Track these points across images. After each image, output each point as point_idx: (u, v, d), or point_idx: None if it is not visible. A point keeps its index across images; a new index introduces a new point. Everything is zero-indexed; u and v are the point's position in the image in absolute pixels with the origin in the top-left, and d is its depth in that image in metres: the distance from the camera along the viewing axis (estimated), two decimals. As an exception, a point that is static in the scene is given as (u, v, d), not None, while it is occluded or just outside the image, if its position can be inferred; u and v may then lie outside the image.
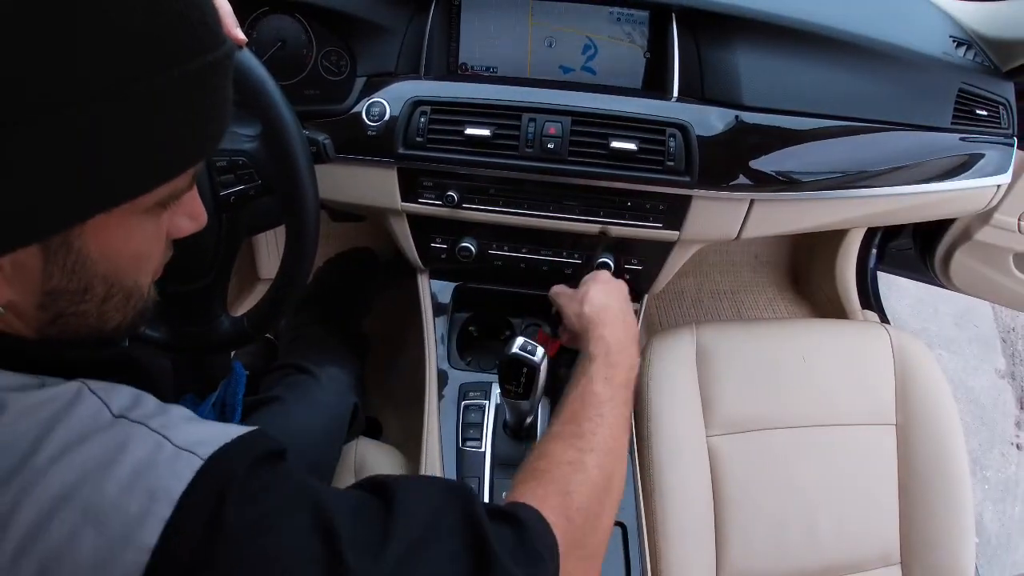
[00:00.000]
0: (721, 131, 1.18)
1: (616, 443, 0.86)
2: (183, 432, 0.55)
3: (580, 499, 0.75)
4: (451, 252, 1.31)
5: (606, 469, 0.81)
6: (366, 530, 0.58)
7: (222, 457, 0.54)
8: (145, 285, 0.63)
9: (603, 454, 0.82)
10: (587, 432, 0.84)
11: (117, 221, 0.54)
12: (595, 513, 0.77)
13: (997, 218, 1.52)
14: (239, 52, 0.91)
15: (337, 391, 1.33)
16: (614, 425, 0.87)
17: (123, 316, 0.62)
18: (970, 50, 1.33)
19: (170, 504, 0.50)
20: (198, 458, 0.53)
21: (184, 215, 0.66)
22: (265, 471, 0.57)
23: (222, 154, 0.96)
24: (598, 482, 0.79)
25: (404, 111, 1.18)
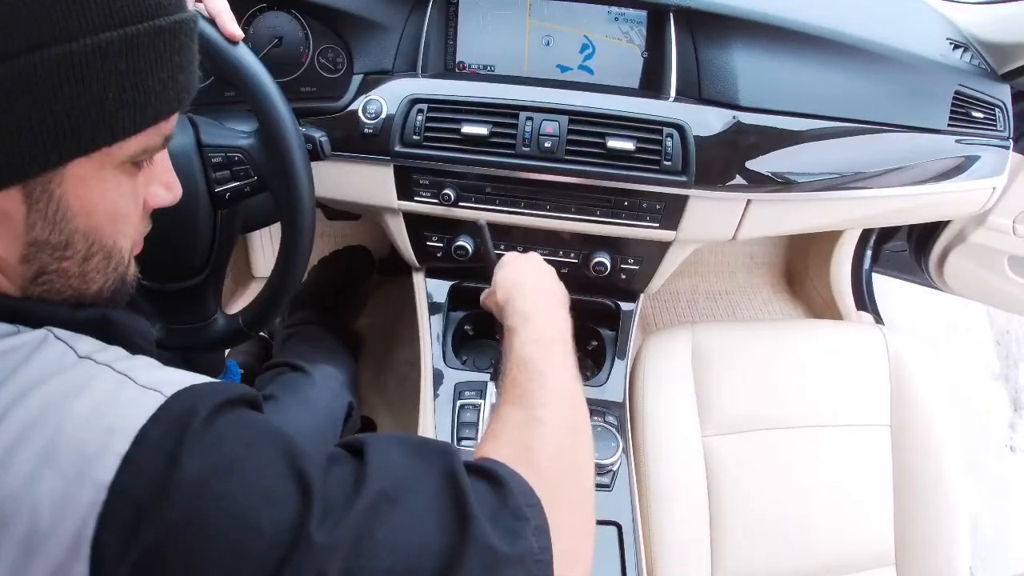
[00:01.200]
0: (718, 131, 1.18)
1: (566, 394, 0.82)
2: (149, 373, 0.54)
3: (546, 450, 0.72)
4: (447, 251, 1.31)
5: (564, 418, 0.78)
6: (338, 478, 0.56)
7: (188, 394, 0.53)
8: (125, 249, 0.64)
9: (555, 406, 0.78)
10: (533, 390, 0.80)
11: (94, 173, 0.56)
12: (568, 462, 0.74)
13: (992, 220, 1.52)
14: (236, 49, 0.91)
15: (331, 390, 1.33)
16: (558, 379, 0.83)
17: (104, 279, 0.63)
18: (966, 53, 1.33)
19: (127, 439, 0.49)
20: (161, 395, 0.52)
21: (159, 184, 0.68)
22: (234, 412, 0.55)
23: (218, 150, 0.96)
24: (559, 431, 0.76)
25: (401, 109, 1.18)
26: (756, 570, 1.25)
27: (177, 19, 0.57)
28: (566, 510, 0.68)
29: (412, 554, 0.55)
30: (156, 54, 0.55)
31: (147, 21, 0.54)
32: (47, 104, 0.50)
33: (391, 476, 0.58)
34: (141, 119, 0.56)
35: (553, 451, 0.72)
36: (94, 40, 0.50)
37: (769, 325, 1.64)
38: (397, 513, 0.56)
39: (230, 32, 0.90)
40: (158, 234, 0.92)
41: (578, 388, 0.85)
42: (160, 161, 0.66)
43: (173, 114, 0.60)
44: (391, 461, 0.60)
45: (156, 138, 0.59)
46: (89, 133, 0.53)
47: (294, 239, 0.99)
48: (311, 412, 1.25)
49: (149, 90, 0.55)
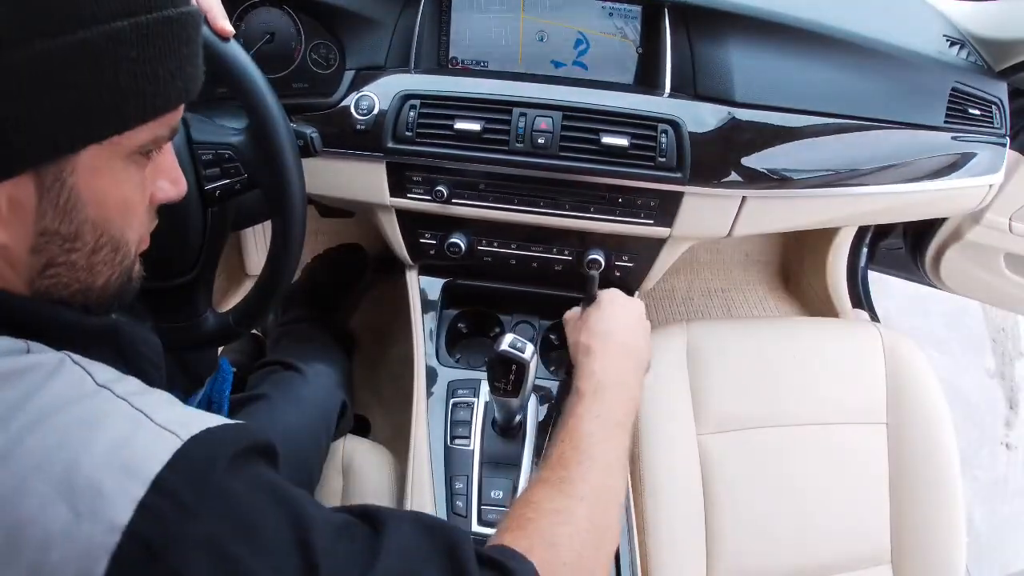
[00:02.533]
0: (713, 127, 1.17)
1: (610, 490, 0.80)
2: (165, 412, 0.54)
3: (567, 554, 0.70)
4: (440, 248, 1.30)
5: (597, 520, 0.76)
6: (346, 556, 0.56)
7: (204, 440, 0.53)
8: (132, 242, 0.64)
9: (594, 503, 0.76)
10: (576, 478, 0.78)
11: (106, 162, 0.57)
12: (589, 564, 0.72)
13: (988, 218, 1.52)
14: (227, 45, 0.90)
15: (324, 388, 1.32)
16: (607, 469, 0.81)
17: (111, 271, 0.63)
18: (963, 49, 1.32)
19: (143, 484, 0.49)
20: (178, 438, 0.52)
21: (165, 179, 0.68)
22: (251, 467, 0.56)
23: (208, 147, 0.95)
24: (588, 534, 0.74)
25: (393, 105, 1.17)
26: (752, 569, 1.25)
27: (185, 11, 0.58)
28: None
29: None
30: (166, 44, 0.56)
31: (158, 11, 0.55)
32: (61, 91, 0.51)
33: (399, 563, 0.58)
34: (151, 108, 0.57)
35: (575, 556, 0.71)
36: (107, 28, 0.51)
37: (764, 323, 1.64)
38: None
39: (221, 28, 0.89)
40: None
41: (622, 482, 0.84)
42: (166, 155, 0.68)
43: (180, 105, 0.61)
44: (402, 545, 0.60)
45: (164, 128, 0.60)
46: (101, 121, 0.54)
47: (285, 236, 0.99)
48: (304, 411, 1.25)
49: (159, 79, 0.56)
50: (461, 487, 1.12)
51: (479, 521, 1.10)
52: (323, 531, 0.56)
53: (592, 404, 0.89)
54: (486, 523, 1.09)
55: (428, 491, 1.12)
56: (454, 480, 1.13)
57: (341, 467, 1.27)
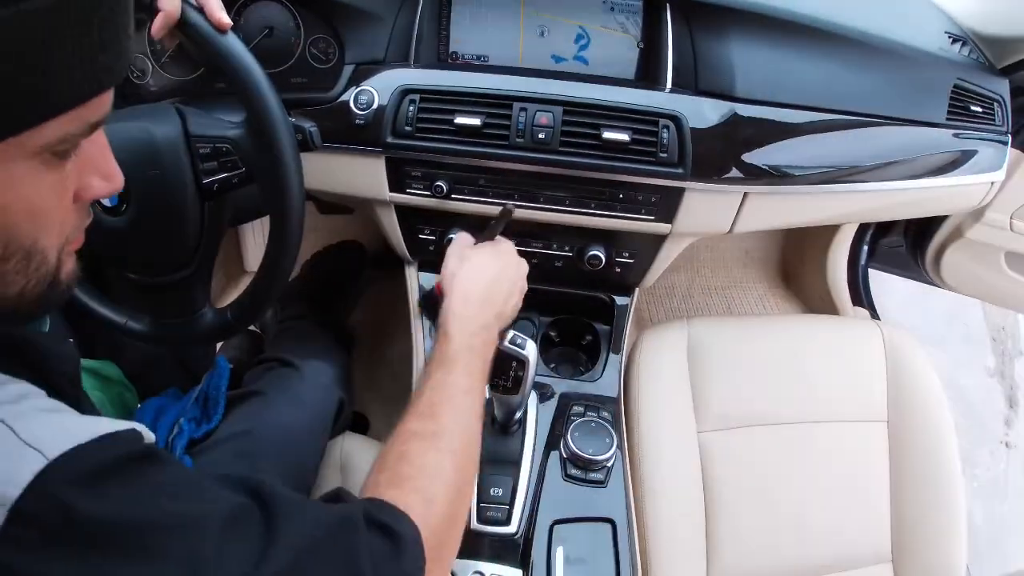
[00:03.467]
0: (715, 123, 1.17)
1: (472, 436, 0.85)
2: (34, 424, 0.51)
3: (441, 507, 0.74)
4: (439, 244, 1.30)
5: (465, 470, 0.80)
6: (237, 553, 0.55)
7: (71, 458, 0.50)
8: (49, 248, 0.58)
9: (461, 453, 0.81)
10: (445, 431, 0.81)
11: (3, 166, 0.51)
12: (453, 518, 0.77)
13: (989, 216, 1.51)
14: (224, 37, 0.89)
15: (321, 385, 1.31)
16: (470, 415, 0.85)
17: (26, 280, 0.57)
18: (965, 46, 1.32)
19: (3, 509, 0.46)
20: (43, 457, 0.49)
21: (94, 174, 0.62)
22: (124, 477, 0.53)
23: (205, 141, 0.94)
24: (458, 486, 0.78)
25: (393, 100, 1.17)
26: (752, 567, 1.24)
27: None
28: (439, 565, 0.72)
29: None
30: (62, 34, 0.49)
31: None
32: None
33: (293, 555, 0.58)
34: (47, 106, 0.51)
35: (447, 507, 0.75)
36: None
37: (765, 320, 1.63)
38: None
39: (218, 20, 0.88)
40: (144, 226, 0.92)
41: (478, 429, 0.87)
42: (95, 149, 0.61)
43: (92, 99, 0.54)
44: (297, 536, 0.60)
45: (77, 124, 0.54)
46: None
47: (283, 232, 0.97)
48: (301, 408, 1.24)
49: (55, 74, 0.50)
50: (460, 484, 1.11)
51: (478, 519, 1.09)
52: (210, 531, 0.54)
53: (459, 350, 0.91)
54: (485, 521, 1.09)
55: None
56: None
57: (339, 465, 1.26)
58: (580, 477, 1.15)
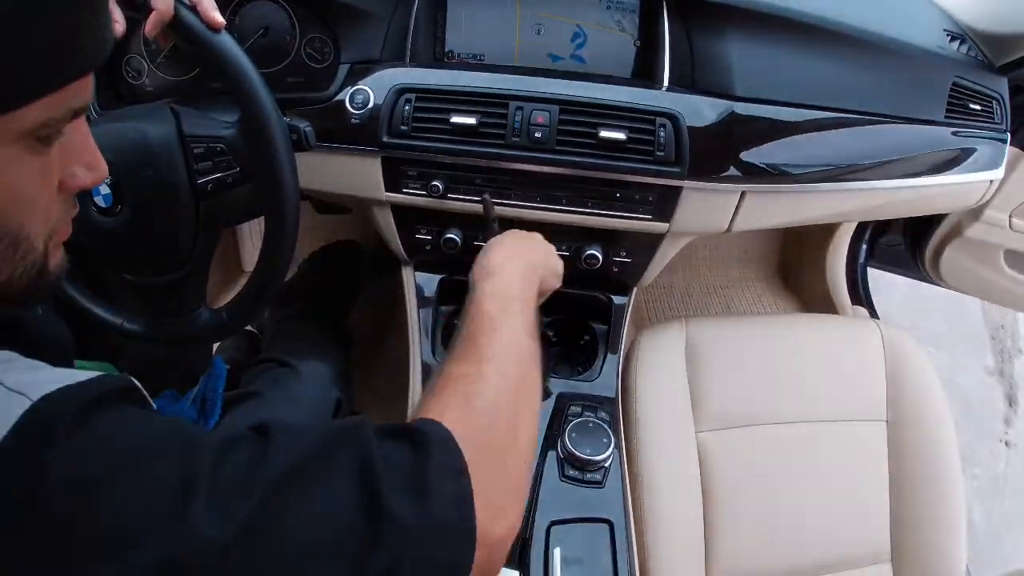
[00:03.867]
0: (712, 121, 1.16)
1: (516, 349, 0.80)
2: (21, 375, 0.51)
3: (483, 403, 0.70)
4: (436, 243, 1.29)
5: (509, 373, 0.75)
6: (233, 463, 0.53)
7: (57, 396, 0.50)
8: (36, 236, 0.59)
9: (503, 360, 0.76)
10: (482, 346, 0.78)
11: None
12: (506, 417, 0.71)
13: (988, 214, 1.51)
14: (218, 36, 0.89)
15: (319, 385, 1.31)
16: (511, 334, 0.81)
17: (13, 267, 0.58)
18: (963, 44, 1.32)
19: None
20: (27, 399, 0.48)
21: (78, 163, 0.62)
22: (108, 413, 0.52)
23: (199, 140, 0.94)
24: (501, 384, 0.73)
25: (388, 99, 1.16)
26: (751, 567, 1.24)
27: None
28: (496, 467, 0.66)
29: (315, 536, 0.53)
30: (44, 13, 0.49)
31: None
32: None
33: (292, 456, 0.55)
34: (31, 86, 0.51)
35: (490, 404, 0.70)
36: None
37: (763, 320, 1.63)
38: (297, 495, 0.54)
39: (212, 19, 0.87)
40: (139, 227, 0.92)
41: (532, 345, 0.83)
42: (78, 137, 0.61)
43: (73, 83, 0.54)
44: (294, 441, 0.57)
45: (59, 109, 0.54)
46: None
47: (278, 232, 0.97)
48: (298, 408, 1.24)
49: (39, 53, 0.50)
50: (457, 485, 1.11)
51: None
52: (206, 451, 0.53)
53: (484, 284, 0.89)
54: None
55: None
56: None
57: (336, 465, 1.25)
58: (578, 478, 1.15)
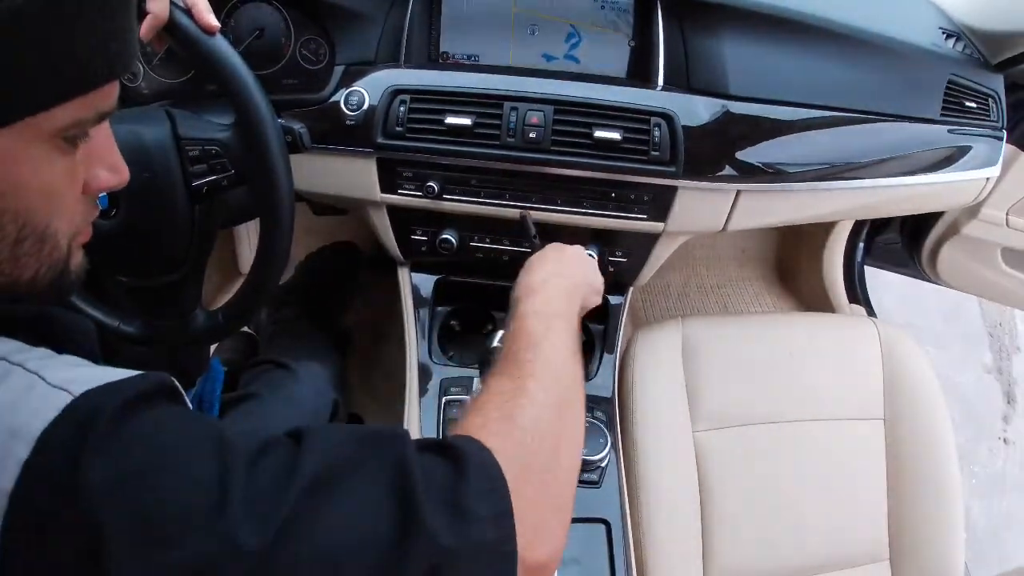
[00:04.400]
0: (707, 121, 1.16)
1: (563, 364, 0.79)
2: (63, 371, 0.51)
3: (525, 420, 0.68)
4: (432, 244, 1.29)
5: (552, 390, 0.74)
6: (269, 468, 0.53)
7: (99, 391, 0.50)
8: (61, 235, 0.60)
9: (546, 377, 0.75)
10: (524, 362, 0.76)
11: (23, 148, 0.53)
12: (548, 435, 0.69)
13: (985, 212, 1.51)
14: (212, 39, 0.89)
15: (316, 387, 1.31)
16: (553, 352, 0.80)
17: (39, 264, 0.59)
18: (959, 42, 1.32)
19: (28, 444, 0.46)
20: (68, 395, 0.49)
21: (102, 166, 0.63)
22: (148, 411, 0.52)
23: (195, 143, 0.94)
24: (545, 403, 0.71)
25: (383, 100, 1.16)
26: (749, 566, 1.24)
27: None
28: (538, 486, 0.64)
29: (348, 546, 0.52)
30: (80, 19, 0.52)
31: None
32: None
33: (327, 461, 0.55)
34: (65, 88, 0.53)
35: (533, 422, 0.69)
36: (10, 3, 0.47)
37: (760, 318, 1.63)
38: (331, 501, 0.53)
39: (206, 22, 0.88)
40: (134, 229, 0.92)
41: (575, 365, 0.82)
42: (102, 141, 0.63)
43: (104, 86, 0.56)
44: (330, 446, 0.57)
45: (88, 111, 0.56)
46: (8, 102, 0.50)
47: (273, 233, 0.98)
48: (295, 410, 1.24)
49: (73, 57, 0.53)
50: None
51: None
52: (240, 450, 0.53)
53: (528, 302, 0.88)
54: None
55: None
56: None
57: (334, 466, 1.25)
58: (575, 478, 1.15)
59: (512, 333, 0.84)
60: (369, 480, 0.56)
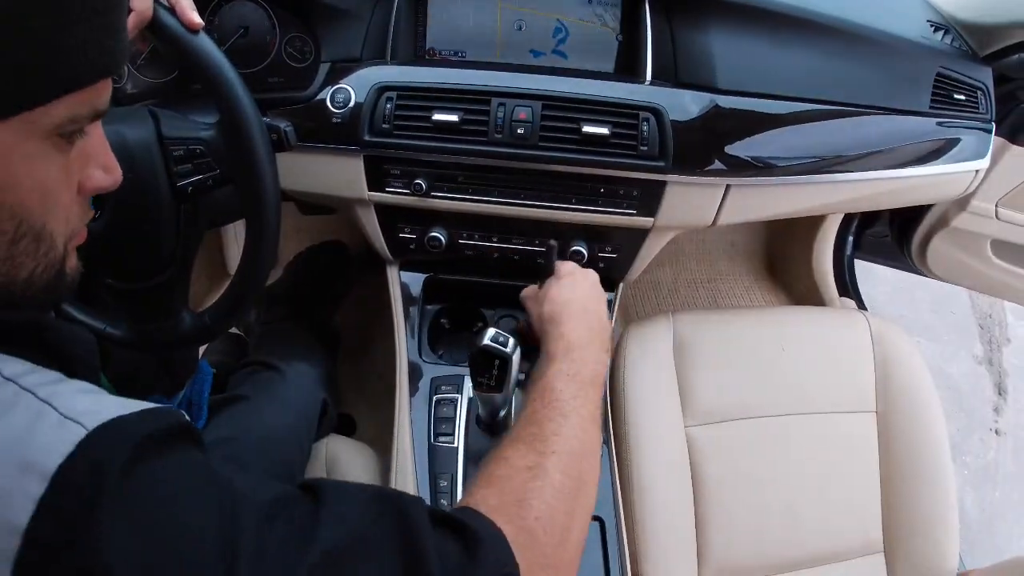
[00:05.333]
0: (696, 115, 1.16)
1: (584, 444, 0.78)
2: (74, 401, 0.51)
3: (541, 507, 0.67)
4: (420, 242, 1.28)
5: (572, 473, 0.73)
6: (280, 533, 0.53)
7: (112, 428, 0.50)
8: (57, 234, 0.60)
9: (567, 456, 0.74)
10: (548, 434, 0.76)
11: (18, 144, 0.53)
12: (561, 523, 0.69)
13: (974, 204, 1.51)
14: (196, 37, 0.88)
15: (305, 388, 1.30)
16: (580, 425, 0.79)
17: (35, 264, 0.58)
18: (947, 35, 1.32)
19: (43, 480, 0.45)
20: (83, 428, 0.48)
21: (96, 165, 0.64)
22: (161, 456, 0.52)
23: (179, 143, 0.93)
24: (563, 487, 0.71)
25: (370, 97, 1.15)
26: (743, 561, 1.24)
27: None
28: (547, 571, 0.65)
29: None
30: (75, 15, 0.52)
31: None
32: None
33: (340, 534, 0.55)
34: (61, 83, 0.53)
35: (548, 509, 0.68)
36: None
37: (751, 312, 1.63)
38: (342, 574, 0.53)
39: (189, 20, 0.87)
40: (119, 231, 0.91)
41: (596, 439, 0.82)
42: (96, 140, 0.63)
43: (99, 82, 0.57)
44: (344, 515, 0.57)
45: (84, 107, 0.56)
46: (4, 96, 0.50)
47: (259, 233, 0.97)
48: (285, 411, 1.23)
49: (69, 51, 0.53)
50: (445, 485, 1.10)
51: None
52: (253, 512, 0.53)
53: (562, 363, 0.87)
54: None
55: (412, 490, 1.10)
56: (438, 479, 1.11)
57: (324, 467, 1.24)
58: (567, 475, 1.14)
59: (539, 390, 0.83)
60: (382, 562, 0.56)
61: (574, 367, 0.87)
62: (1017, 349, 2.56)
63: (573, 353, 0.89)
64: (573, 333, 0.92)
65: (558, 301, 0.98)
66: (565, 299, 0.98)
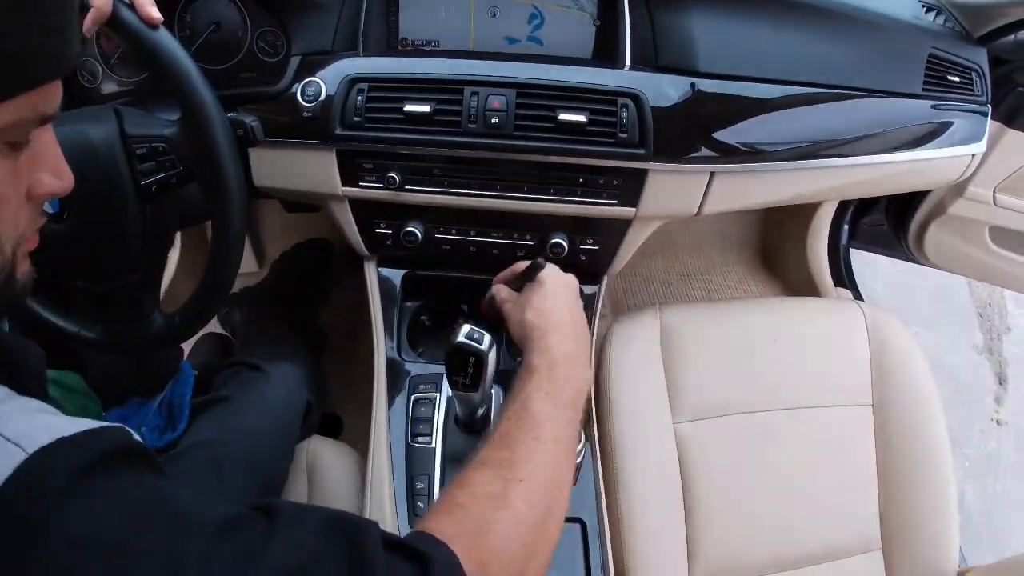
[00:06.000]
0: (677, 100, 1.13)
1: (555, 471, 0.75)
2: (17, 422, 0.50)
3: (499, 540, 0.64)
4: (396, 237, 1.26)
5: (538, 504, 0.69)
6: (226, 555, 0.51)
7: (53, 452, 0.48)
8: (5, 240, 0.59)
9: (535, 485, 0.71)
10: (519, 459, 0.72)
11: None
12: (520, 556, 0.66)
13: (971, 191, 1.49)
14: (156, 33, 0.88)
15: (287, 388, 1.29)
16: (554, 451, 0.76)
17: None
18: (940, 15, 1.30)
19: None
20: (22, 452, 0.47)
21: (45, 170, 0.62)
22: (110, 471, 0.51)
23: (141, 140, 0.92)
24: (526, 519, 0.68)
25: (340, 90, 1.13)
26: (736, 561, 1.21)
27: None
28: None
29: None
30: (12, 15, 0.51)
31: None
32: None
33: (291, 556, 0.53)
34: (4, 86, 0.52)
35: (506, 542, 0.65)
36: None
37: (742, 304, 1.60)
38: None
39: (147, 15, 0.87)
40: (86, 231, 0.91)
41: (568, 470, 0.78)
42: (46, 145, 0.62)
43: (44, 85, 0.56)
44: (296, 537, 0.55)
45: (29, 111, 0.55)
46: None
47: (223, 231, 0.96)
48: (266, 412, 1.21)
49: (12, 54, 0.52)
50: (423, 487, 1.08)
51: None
52: (202, 534, 0.51)
53: (544, 381, 0.83)
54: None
55: (388, 493, 1.07)
56: (415, 480, 1.08)
57: (306, 469, 1.23)
58: (548, 475, 1.11)
59: (517, 407, 0.79)
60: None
61: (555, 386, 0.83)
62: (1017, 338, 2.54)
63: (557, 370, 0.84)
64: (560, 347, 0.87)
65: (542, 310, 0.93)
66: (549, 307, 0.93)
